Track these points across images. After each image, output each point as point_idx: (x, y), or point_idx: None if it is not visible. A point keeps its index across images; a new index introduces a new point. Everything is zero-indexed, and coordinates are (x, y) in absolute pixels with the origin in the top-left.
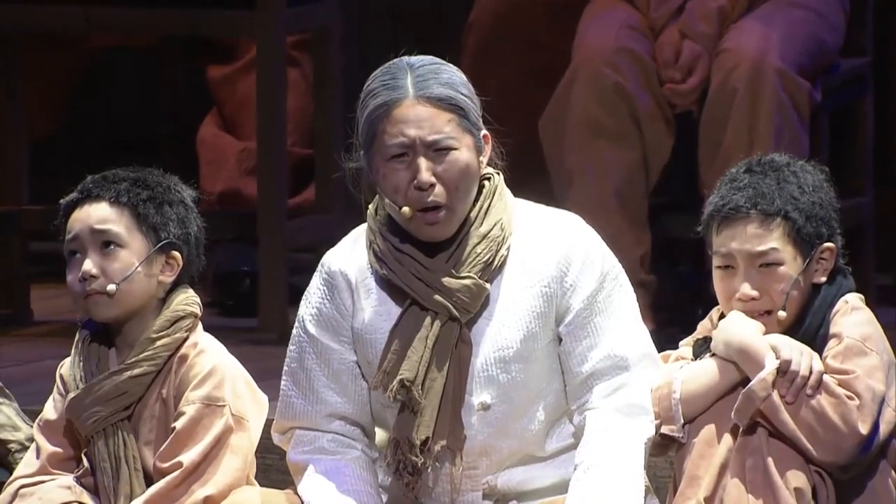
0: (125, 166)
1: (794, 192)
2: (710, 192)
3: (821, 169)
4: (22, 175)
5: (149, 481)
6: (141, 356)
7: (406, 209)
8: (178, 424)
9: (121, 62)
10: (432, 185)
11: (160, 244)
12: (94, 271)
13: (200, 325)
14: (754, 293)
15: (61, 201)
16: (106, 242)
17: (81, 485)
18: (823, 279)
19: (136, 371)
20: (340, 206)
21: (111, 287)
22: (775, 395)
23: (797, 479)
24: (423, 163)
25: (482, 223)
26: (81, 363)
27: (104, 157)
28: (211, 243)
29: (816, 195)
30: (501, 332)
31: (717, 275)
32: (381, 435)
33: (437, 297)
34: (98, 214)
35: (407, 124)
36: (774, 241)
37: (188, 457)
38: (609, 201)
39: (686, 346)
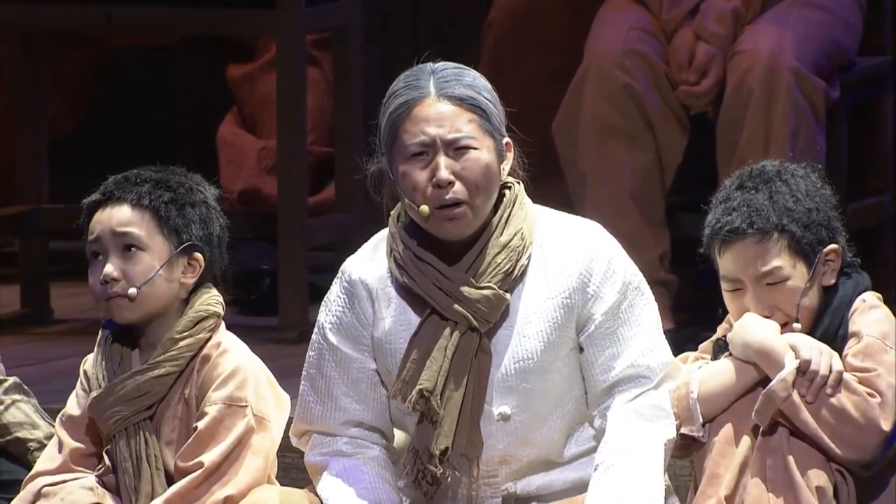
0: (146, 165)
1: (789, 203)
2: None
3: (813, 168)
4: (42, 174)
5: (170, 481)
6: (164, 356)
7: (424, 207)
8: (200, 424)
9: (141, 61)
10: (451, 183)
11: (182, 247)
12: (116, 274)
13: (223, 325)
14: (766, 313)
15: (84, 202)
16: (127, 245)
17: (103, 484)
18: (833, 280)
19: (159, 371)
20: (360, 204)
21: (132, 291)
22: (795, 395)
23: (819, 477)
24: (442, 161)
25: (502, 232)
26: (103, 362)
27: (125, 155)
28: (231, 242)
29: (811, 201)
30: (522, 342)
31: (727, 296)
32: (399, 437)
33: (457, 307)
34: (120, 217)
35: (427, 122)
36: (776, 258)
37: (209, 457)
38: (625, 202)
39: (705, 348)
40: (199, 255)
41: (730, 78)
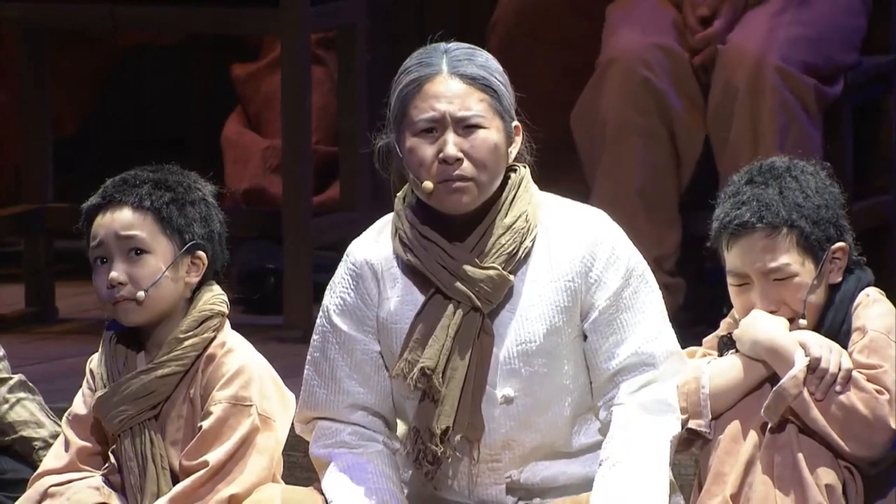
0: (152, 165)
1: (798, 199)
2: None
3: (822, 166)
4: (48, 173)
5: (175, 480)
6: (169, 356)
7: (428, 183)
8: (205, 424)
9: (148, 60)
10: (459, 160)
11: (186, 246)
12: (123, 278)
13: (228, 324)
14: (772, 308)
15: (83, 206)
16: (132, 249)
17: (109, 483)
18: (839, 279)
19: (164, 371)
20: (365, 203)
21: (140, 294)
22: (806, 393)
23: (827, 475)
24: (450, 137)
25: (507, 214)
26: (108, 362)
27: (131, 155)
28: (236, 241)
29: (821, 198)
30: (525, 325)
31: (732, 291)
32: (402, 428)
33: (460, 285)
34: (122, 220)
35: (438, 99)
36: (785, 253)
37: (214, 456)
38: (632, 199)
39: (709, 343)
40: (202, 254)
41: (717, 75)
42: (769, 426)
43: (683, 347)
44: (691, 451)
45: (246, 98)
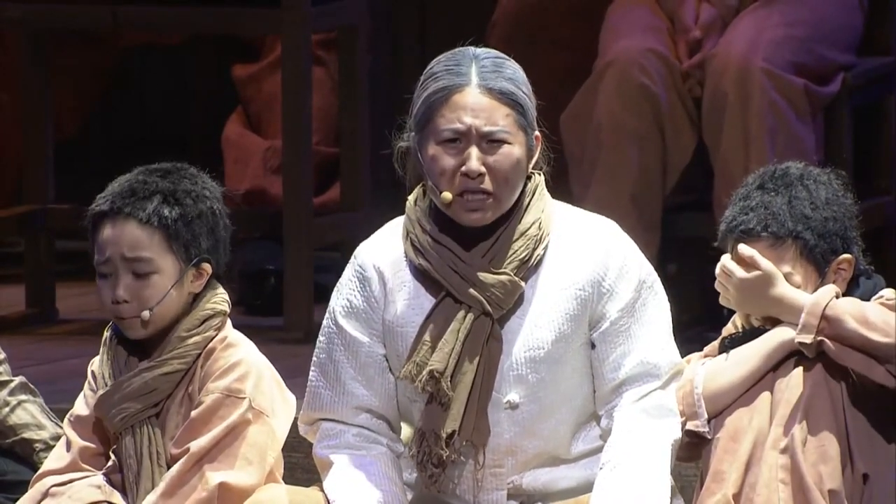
0: (153, 165)
1: (807, 211)
2: (718, 194)
3: (837, 175)
4: (49, 174)
5: None
6: (171, 354)
7: (447, 194)
8: (194, 412)
9: (150, 60)
10: (481, 175)
11: (192, 263)
12: (128, 297)
13: (229, 323)
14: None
15: (89, 210)
16: (139, 269)
17: (111, 482)
18: (843, 290)
19: (166, 369)
20: (366, 204)
21: (145, 314)
22: (837, 309)
23: (832, 480)
24: (474, 151)
25: (521, 220)
26: (110, 361)
27: (133, 156)
28: (237, 242)
29: (830, 210)
30: (534, 332)
31: None
32: (406, 431)
33: (472, 290)
34: (130, 240)
35: (465, 111)
36: (787, 264)
37: (197, 443)
38: (624, 203)
39: (711, 349)
40: (206, 266)
41: (707, 82)
42: (775, 413)
43: (684, 349)
44: (699, 457)
45: (247, 99)
